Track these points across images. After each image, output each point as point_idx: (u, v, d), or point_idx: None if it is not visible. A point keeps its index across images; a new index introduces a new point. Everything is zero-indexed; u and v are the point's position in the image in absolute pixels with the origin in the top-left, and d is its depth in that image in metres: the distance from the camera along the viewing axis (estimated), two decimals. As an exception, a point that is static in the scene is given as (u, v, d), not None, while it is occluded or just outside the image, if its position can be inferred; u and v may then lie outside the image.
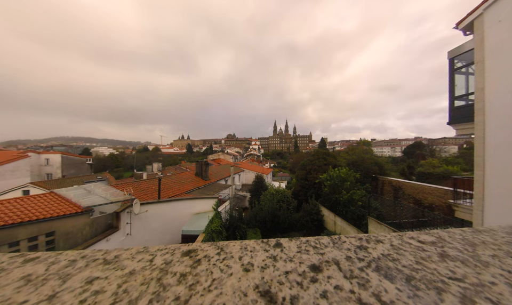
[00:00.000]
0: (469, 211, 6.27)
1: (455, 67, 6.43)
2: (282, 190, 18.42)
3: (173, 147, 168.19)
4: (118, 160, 70.12)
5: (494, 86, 4.78)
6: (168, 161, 68.67)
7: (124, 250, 0.69)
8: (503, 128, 4.60)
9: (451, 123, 6.43)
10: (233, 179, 19.63)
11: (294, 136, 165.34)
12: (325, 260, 0.62)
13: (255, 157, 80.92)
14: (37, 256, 0.65)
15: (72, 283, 0.52)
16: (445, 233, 0.79)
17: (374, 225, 10.65)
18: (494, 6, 4.80)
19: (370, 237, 0.77)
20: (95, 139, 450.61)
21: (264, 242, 0.73)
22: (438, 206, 12.37)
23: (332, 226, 14.87)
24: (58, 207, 6.69)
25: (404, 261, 0.62)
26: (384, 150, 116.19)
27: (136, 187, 11.93)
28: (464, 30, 5.74)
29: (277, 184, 24.57)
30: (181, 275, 0.55)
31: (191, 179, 18.38)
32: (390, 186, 17.58)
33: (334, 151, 52.34)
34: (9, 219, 5.56)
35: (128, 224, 7.85)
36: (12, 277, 0.55)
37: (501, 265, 0.59)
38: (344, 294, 0.48)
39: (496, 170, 4.74)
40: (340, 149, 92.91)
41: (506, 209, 4.51)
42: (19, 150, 38.26)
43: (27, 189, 17.66)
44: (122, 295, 0.48)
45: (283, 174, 54.78)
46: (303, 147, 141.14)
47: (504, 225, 0.86)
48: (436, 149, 46.39)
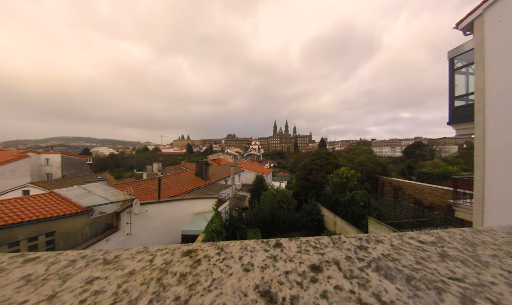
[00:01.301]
0: (469, 211, 6.27)
1: (455, 67, 6.43)
2: (283, 190, 18.43)
3: (173, 147, 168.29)
4: (118, 160, 70.16)
5: (494, 86, 4.78)
6: (168, 161, 68.67)
7: (124, 250, 0.69)
8: (503, 128, 4.60)
9: (451, 123, 6.43)
10: (233, 179, 19.62)
11: (294, 136, 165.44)
12: (325, 260, 0.62)
13: (255, 157, 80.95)
14: (37, 256, 0.65)
15: (72, 283, 0.52)
16: (445, 233, 0.79)
17: (374, 225, 10.66)
18: (494, 6, 4.80)
19: (370, 237, 0.77)
20: (95, 140, 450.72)
21: (264, 242, 0.73)
22: (438, 206, 12.36)
23: (332, 226, 14.87)
24: (58, 207, 6.70)
25: (403, 261, 0.62)
26: (384, 150, 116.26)
27: (136, 187, 11.93)
28: (464, 30, 5.75)
29: (277, 184, 24.57)
30: (181, 275, 0.55)
31: (191, 179, 18.38)
32: (390, 186, 17.58)
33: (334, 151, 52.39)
34: (9, 219, 5.56)
35: (128, 224, 7.85)
36: (12, 277, 0.55)
37: (501, 265, 0.59)
38: (344, 294, 0.48)
39: (496, 170, 4.74)
40: (340, 149, 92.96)
41: (506, 209, 4.51)
42: (19, 150, 38.27)
43: (27, 189, 17.66)
44: (122, 295, 0.48)
45: (283, 174, 54.80)
46: (303, 147, 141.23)
47: (504, 225, 0.86)
48: (436, 149, 46.42)
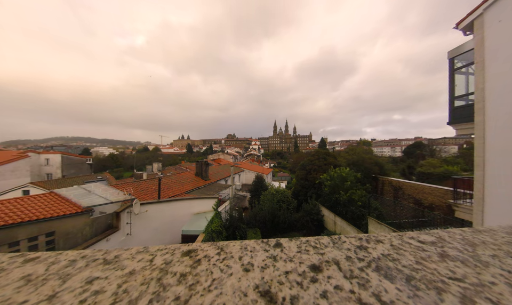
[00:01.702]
0: (469, 211, 6.27)
1: (455, 67, 6.43)
2: (282, 190, 18.43)
3: (173, 147, 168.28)
4: (118, 160, 70.15)
5: (494, 86, 4.78)
6: (168, 161, 68.66)
7: (124, 250, 0.69)
8: (503, 128, 4.60)
9: (451, 123, 6.43)
10: (233, 179, 19.62)
11: (294, 136, 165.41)
12: (325, 260, 0.62)
13: (255, 157, 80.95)
14: (37, 256, 0.65)
15: (72, 283, 0.52)
16: (445, 233, 0.79)
17: (374, 225, 10.66)
18: (494, 6, 4.80)
19: (370, 237, 0.77)
20: (95, 140, 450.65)
21: (264, 242, 0.73)
22: (438, 206, 12.36)
23: (332, 226, 14.87)
24: (58, 207, 6.70)
25: (404, 261, 0.62)
26: (384, 150, 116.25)
27: (136, 187, 11.93)
28: (464, 30, 5.75)
29: (277, 184, 24.57)
30: (181, 275, 0.55)
31: (191, 179, 18.38)
32: (390, 186, 17.57)
33: (334, 151, 52.39)
34: (9, 219, 5.56)
35: (128, 224, 7.85)
36: (12, 276, 0.55)
37: (501, 265, 0.59)
38: (344, 294, 0.48)
39: (496, 170, 4.74)
40: (340, 149, 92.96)
41: (506, 209, 4.51)
42: (19, 150, 38.26)
43: (27, 189, 17.67)
44: (122, 295, 0.48)
45: (283, 174, 54.81)
46: (303, 147, 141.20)
47: (504, 225, 0.86)
48: (436, 149, 46.44)
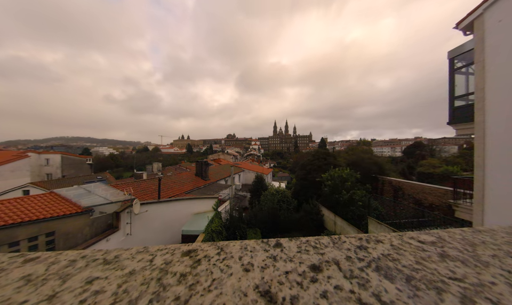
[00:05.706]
0: (469, 211, 6.27)
1: (455, 67, 6.43)
2: (283, 190, 18.44)
3: (173, 147, 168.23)
4: (118, 160, 70.18)
5: (494, 86, 4.78)
6: (168, 161, 68.64)
7: (124, 250, 0.69)
8: (503, 128, 4.60)
9: (451, 123, 6.43)
10: (233, 179, 19.62)
11: (294, 136, 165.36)
12: (325, 260, 0.62)
13: (255, 157, 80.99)
14: (37, 256, 0.65)
15: (72, 283, 0.52)
16: (445, 233, 0.79)
17: (374, 225, 10.66)
18: (494, 6, 4.80)
19: (370, 237, 0.77)
20: (95, 140, 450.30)
21: (264, 242, 0.73)
22: (438, 206, 12.36)
23: (332, 226, 14.86)
24: (58, 207, 6.69)
25: (404, 261, 0.62)
26: (384, 150, 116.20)
27: (136, 187, 11.92)
28: (464, 30, 5.75)
29: (277, 184, 24.59)
30: (181, 275, 0.55)
31: (191, 179, 18.38)
32: (390, 186, 17.56)
33: (334, 151, 52.43)
34: (9, 219, 5.56)
35: (128, 224, 7.85)
36: (12, 276, 0.55)
37: (501, 265, 0.59)
38: (344, 294, 0.48)
39: (496, 170, 4.74)
40: (340, 149, 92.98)
41: (506, 209, 4.51)
42: (19, 150, 38.26)
43: (27, 189, 17.64)
44: (122, 295, 0.48)
45: (283, 174, 54.83)
46: (303, 147, 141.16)
47: (504, 225, 0.86)
48: (436, 149, 46.46)
